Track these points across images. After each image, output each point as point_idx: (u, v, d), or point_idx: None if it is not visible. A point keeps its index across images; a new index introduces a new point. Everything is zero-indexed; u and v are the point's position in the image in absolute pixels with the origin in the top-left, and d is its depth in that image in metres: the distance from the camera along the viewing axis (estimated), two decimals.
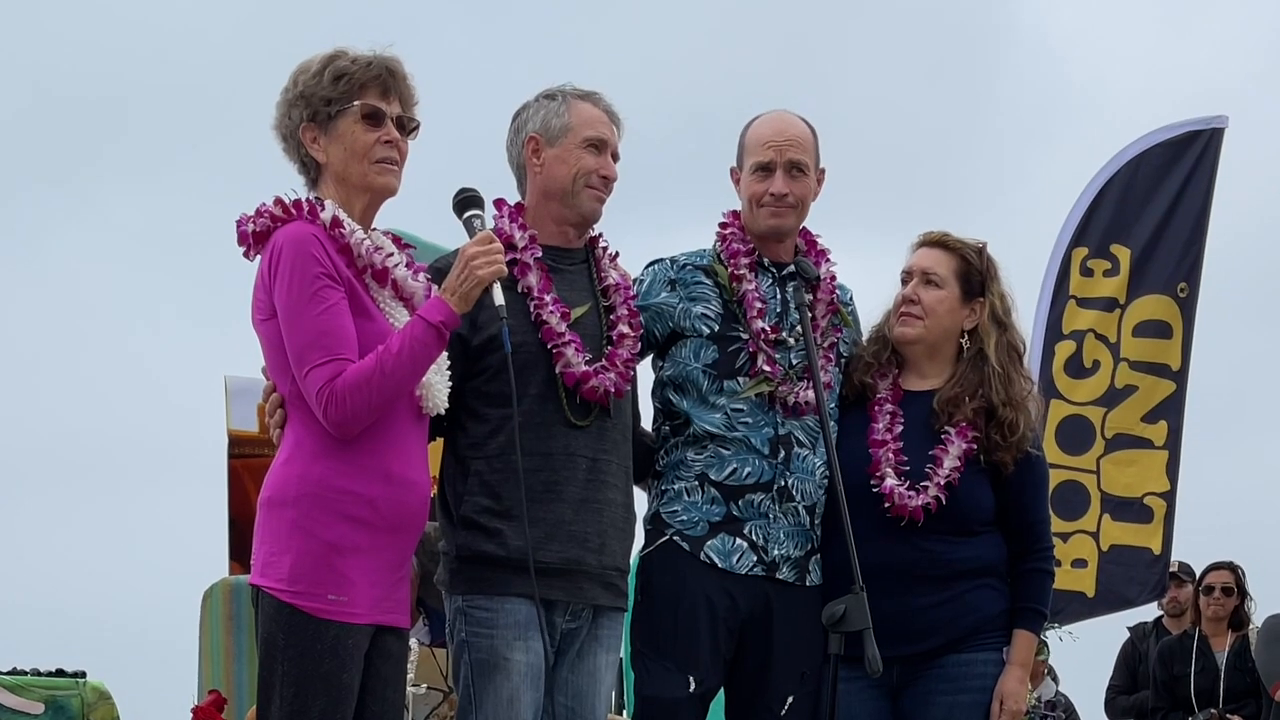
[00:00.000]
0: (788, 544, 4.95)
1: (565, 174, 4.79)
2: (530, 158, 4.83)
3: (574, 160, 4.79)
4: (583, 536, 4.66)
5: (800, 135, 5.07)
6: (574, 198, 4.80)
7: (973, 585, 5.05)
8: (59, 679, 8.96)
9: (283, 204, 4.29)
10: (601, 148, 4.81)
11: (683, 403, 4.97)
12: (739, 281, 5.01)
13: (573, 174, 4.78)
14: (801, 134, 5.08)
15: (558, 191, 4.81)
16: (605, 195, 4.83)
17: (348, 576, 4.16)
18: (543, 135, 4.82)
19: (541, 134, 4.82)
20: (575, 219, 4.83)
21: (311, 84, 4.33)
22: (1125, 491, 9.60)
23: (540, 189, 4.84)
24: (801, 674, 4.93)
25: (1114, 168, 9.85)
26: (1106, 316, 9.70)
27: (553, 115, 4.82)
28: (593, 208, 4.82)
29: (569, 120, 4.81)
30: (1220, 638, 10.21)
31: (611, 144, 4.84)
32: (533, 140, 4.83)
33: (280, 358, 4.23)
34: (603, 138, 4.82)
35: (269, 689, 4.16)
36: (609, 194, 4.84)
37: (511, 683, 4.55)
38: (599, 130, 4.82)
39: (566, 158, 4.79)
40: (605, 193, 4.83)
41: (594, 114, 4.83)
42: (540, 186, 4.83)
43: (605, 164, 4.82)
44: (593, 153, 4.80)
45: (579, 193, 4.80)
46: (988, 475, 5.08)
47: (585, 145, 4.80)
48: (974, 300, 5.18)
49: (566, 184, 4.79)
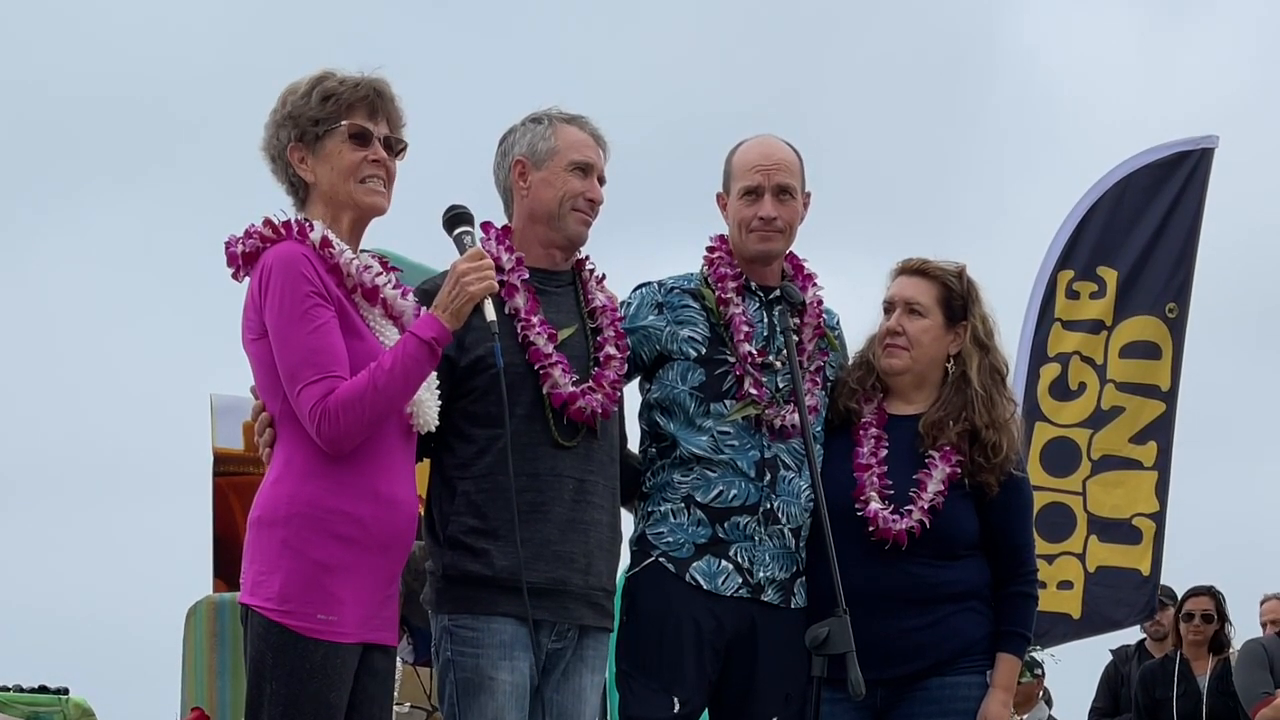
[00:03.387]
0: (773, 566, 4.96)
1: (551, 197, 4.80)
2: (517, 181, 4.84)
3: (560, 184, 4.80)
4: (569, 557, 4.66)
5: (787, 159, 5.09)
6: (560, 221, 4.81)
7: (957, 609, 5.06)
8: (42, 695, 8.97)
9: (272, 224, 4.29)
10: (588, 171, 4.83)
11: (669, 425, 4.99)
12: (726, 305, 5.02)
13: (559, 197, 4.80)
14: (788, 158, 5.10)
15: (544, 215, 4.82)
16: (591, 218, 4.84)
17: (337, 595, 4.17)
18: (529, 159, 4.83)
19: (528, 157, 4.83)
20: (561, 242, 4.84)
21: (299, 104, 4.34)
22: (1113, 513, 9.59)
23: (527, 212, 4.85)
24: (785, 695, 4.94)
25: (1100, 190, 9.85)
26: (1092, 339, 9.69)
27: (539, 139, 4.84)
28: (578, 230, 4.83)
29: (555, 144, 4.82)
30: (1201, 661, 10.22)
31: (598, 167, 4.86)
32: (519, 164, 4.84)
33: (270, 377, 4.23)
34: (589, 161, 4.83)
35: (258, 708, 4.16)
36: (595, 217, 4.86)
37: (496, 702, 4.56)
38: (585, 154, 4.83)
39: (553, 181, 4.80)
40: (591, 216, 4.84)
41: (580, 137, 4.85)
42: (527, 210, 4.85)
43: (591, 187, 4.83)
44: (579, 176, 4.81)
45: (565, 216, 4.81)
46: (972, 499, 5.10)
47: (571, 169, 4.81)
48: (957, 325, 5.20)
49: (553, 207, 4.81)
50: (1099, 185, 9.85)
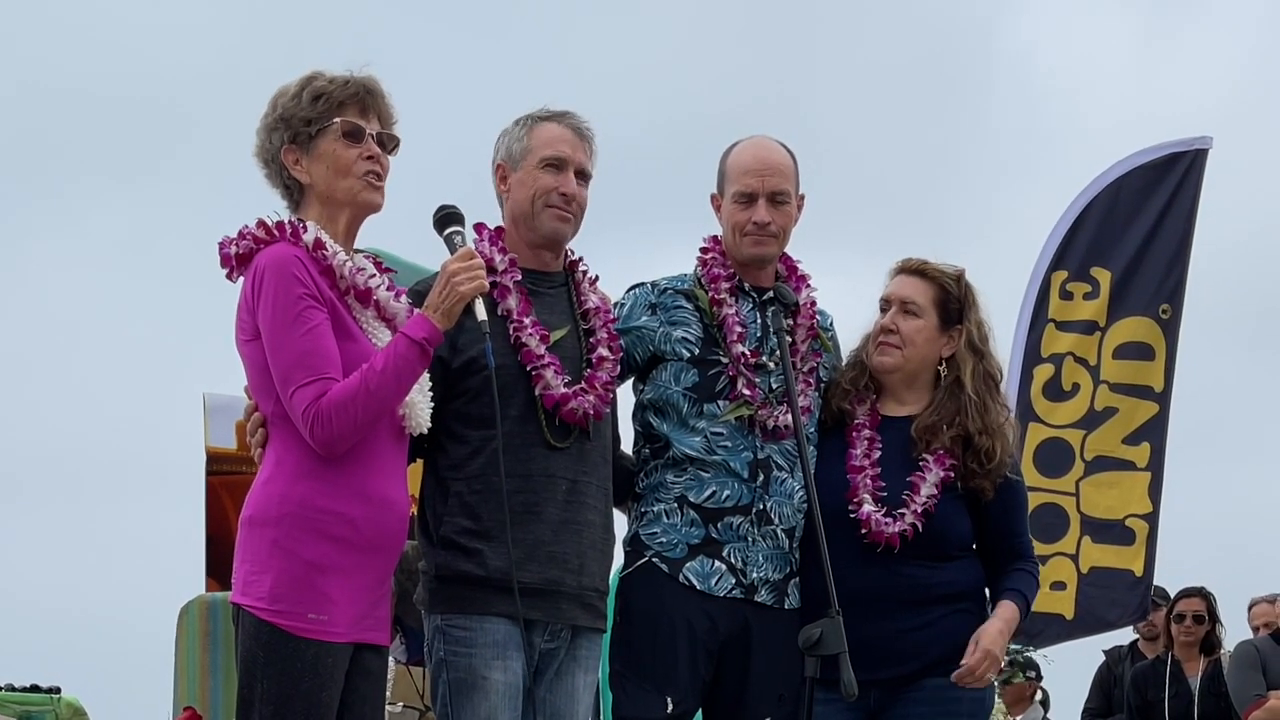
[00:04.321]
0: (766, 567, 4.96)
1: (525, 197, 4.79)
2: (499, 186, 4.86)
3: (531, 182, 4.78)
4: (562, 557, 4.66)
5: (781, 163, 5.08)
6: (534, 219, 4.79)
7: (950, 610, 5.06)
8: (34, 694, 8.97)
9: (265, 226, 4.30)
10: (561, 166, 4.78)
11: (662, 426, 4.99)
12: (719, 306, 5.02)
13: (530, 196, 4.78)
14: (783, 162, 5.09)
15: (521, 216, 4.81)
16: (568, 213, 4.80)
17: (328, 595, 4.17)
18: (507, 162, 4.84)
19: (506, 161, 4.84)
20: (541, 241, 4.82)
21: (290, 106, 4.35)
22: (1106, 514, 9.59)
23: (509, 215, 4.85)
24: (779, 696, 4.94)
25: (1094, 190, 9.85)
26: (1086, 339, 9.69)
27: (514, 141, 4.83)
28: (554, 227, 4.80)
29: (528, 144, 4.81)
30: (1193, 662, 10.23)
31: (574, 161, 4.80)
32: (500, 168, 4.86)
33: (263, 378, 4.24)
34: (560, 156, 4.79)
35: (248, 707, 4.17)
36: (573, 212, 4.80)
37: (490, 702, 4.56)
38: (556, 149, 4.79)
39: (526, 180, 4.79)
40: (567, 211, 4.79)
41: (554, 133, 4.81)
42: (509, 213, 4.85)
43: (564, 181, 4.78)
44: (551, 172, 4.78)
45: (539, 213, 4.78)
46: (965, 501, 5.10)
47: (542, 166, 4.78)
48: (952, 328, 5.20)
49: (526, 207, 4.79)
50: (1093, 186, 9.85)
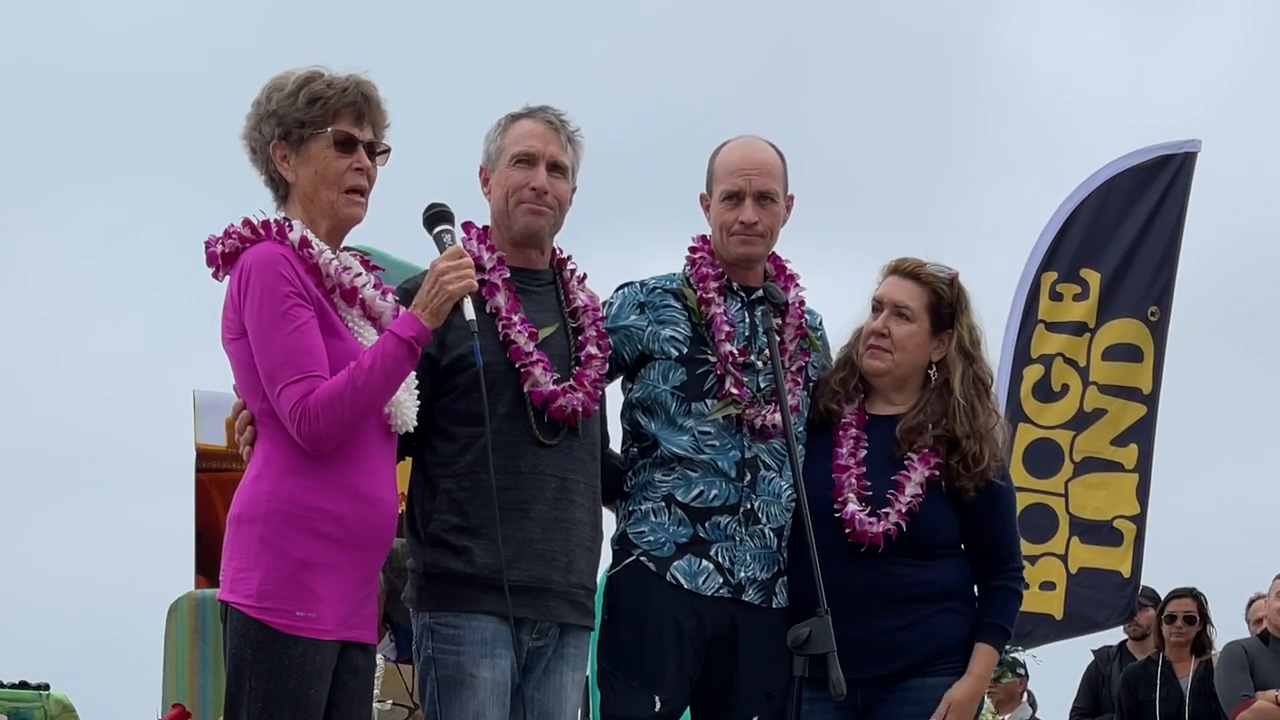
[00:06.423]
0: (754, 566, 4.97)
1: (500, 196, 4.81)
2: (482, 187, 4.87)
3: (504, 180, 4.79)
4: (550, 555, 4.67)
5: (769, 163, 5.09)
6: (509, 217, 4.79)
7: (936, 609, 5.06)
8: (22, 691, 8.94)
9: (251, 225, 4.29)
10: (531, 161, 4.77)
11: (651, 425, 4.99)
12: (708, 305, 5.02)
13: (504, 194, 4.79)
14: (770, 161, 5.10)
15: (499, 215, 4.83)
16: (540, 207, 4.78)
17: (316, 593, 4.17)
18: (487, 165, 4.87)
19: (486, 162, 4.87)
20: (518, 238, 4.81)
21: (285, 104, 4.32)
22: (1094, 514, 9.63)
23: (491, 215, 4.87)
24: (767, 695, 4.94)
25: (1085, 192, 9.89)
26: (1075, 340, 9.72)
27: (491, 142, 4.86)
28: (528, 221, 4.79)
29: (501, 143, 4.82)
30: (1184, 663, 10.24)
31: (545, 155, 4.78)
32: (482, 171, 4.88)
33: (250, 376, 4.24)
34: (529, 151, 4.78)
35: (236, 704, 4.17)
36: (547, 204, 4.78)
37: (478, 699, 4.56)
38: (526, 144, 4.78)
39: (500, 179, 4.80)
40: (540, 205, 4.78)
41: (526, 129, 4.81)
42: (491, 213, 4.86)
43: (533, 176, 4.76)
44: (521, 168, 4.77)
45: (513, 211, 4.78)
46: (950, 499, 5.10)
47: (513, 163, 4.78)
48: (943, 332, 5.19)
49: (502, 205, 4.80)
50: (1083, 188, 9.89)
